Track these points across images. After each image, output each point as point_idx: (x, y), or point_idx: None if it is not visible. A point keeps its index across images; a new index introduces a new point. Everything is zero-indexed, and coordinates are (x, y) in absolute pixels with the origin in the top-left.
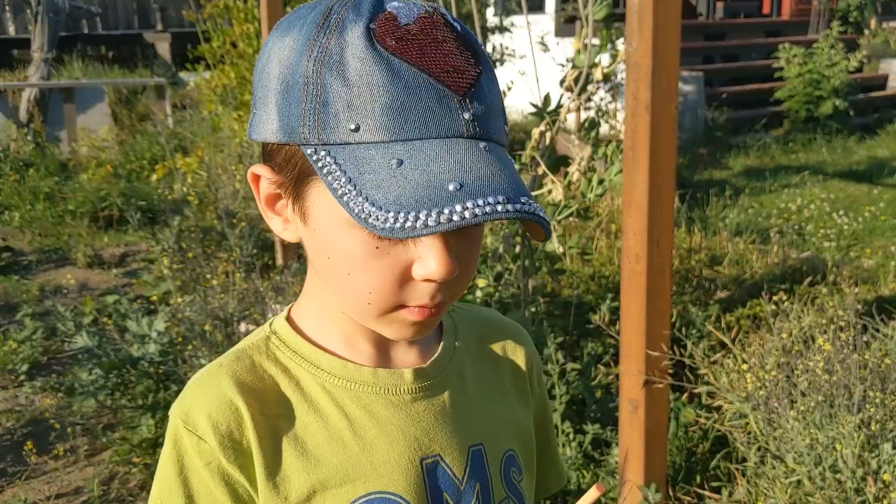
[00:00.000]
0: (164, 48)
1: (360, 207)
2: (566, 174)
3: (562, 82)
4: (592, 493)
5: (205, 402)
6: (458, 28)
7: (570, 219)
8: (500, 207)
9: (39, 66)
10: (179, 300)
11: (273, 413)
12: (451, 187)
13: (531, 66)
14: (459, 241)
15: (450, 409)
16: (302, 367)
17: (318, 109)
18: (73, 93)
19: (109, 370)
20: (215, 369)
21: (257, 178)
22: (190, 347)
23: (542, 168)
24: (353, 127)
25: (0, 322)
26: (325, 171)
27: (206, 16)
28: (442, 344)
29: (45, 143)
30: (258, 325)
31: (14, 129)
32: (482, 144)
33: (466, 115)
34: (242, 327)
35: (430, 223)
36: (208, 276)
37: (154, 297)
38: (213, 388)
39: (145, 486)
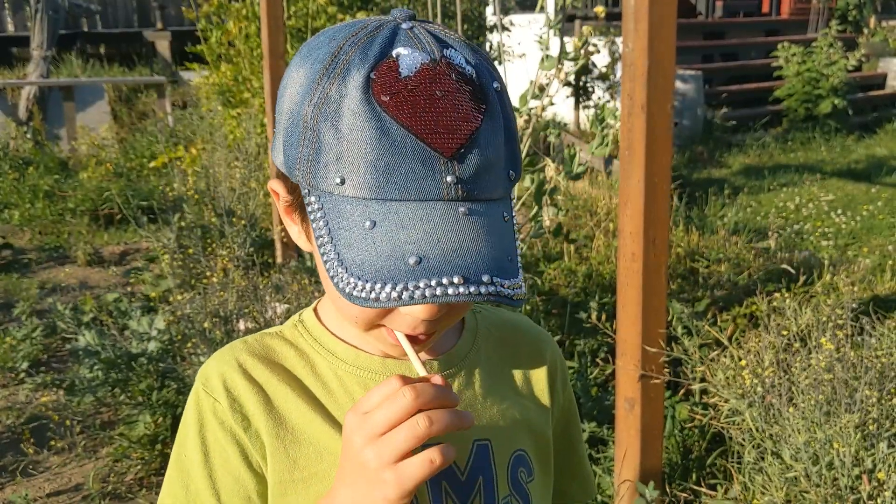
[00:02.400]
0: (163, 46)
1: (330, 263)
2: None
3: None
4: None
5: (223, 369)
6: (468, 70)
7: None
8: (451, 290)
9: (39, 64)
10: (179, 297)
11: (286, 386)
12: (411, 261)
13: (533, 64)
14: None
15: None
16: (319, 354)
17: (312, 157)
18: (72, 91)
19: (110, 366)
20: (239, 344)
21: (275, 191)
22: (189, 345)
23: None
24: (338, 180)
25: (0, 320)
26: (312, 216)
27: (203, 14)
28: (459, 341)
29: (45, 142)
30: (257, 322)
31: (13, 127)
32: (462, 208)
33: (449, 178)
34: (242, 325)
35: (381, 297)
36: (208, 273)
37: (154, 296)
38: (231, 359)
39: (143, 482)
